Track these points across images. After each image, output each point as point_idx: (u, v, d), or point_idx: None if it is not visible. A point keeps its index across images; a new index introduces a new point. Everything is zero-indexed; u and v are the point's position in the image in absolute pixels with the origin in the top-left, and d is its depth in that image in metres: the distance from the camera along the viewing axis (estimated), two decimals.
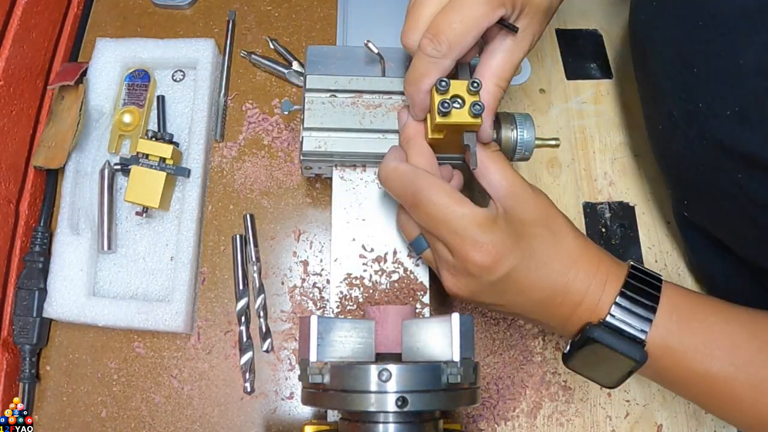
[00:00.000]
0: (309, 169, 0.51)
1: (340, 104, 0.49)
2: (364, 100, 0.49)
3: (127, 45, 0.62)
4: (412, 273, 0.48)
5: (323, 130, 0.48)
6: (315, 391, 0.38)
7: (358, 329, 0.41)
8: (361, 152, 0.48)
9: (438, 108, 0.41)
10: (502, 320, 0.55)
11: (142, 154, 0.56)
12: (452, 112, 0.41)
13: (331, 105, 0.49)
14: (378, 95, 0.49)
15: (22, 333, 0.53)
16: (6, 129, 0.55)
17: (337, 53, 0.52)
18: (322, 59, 0.51)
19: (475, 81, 0.41)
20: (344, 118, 0.48)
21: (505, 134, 0.48)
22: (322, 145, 0.48)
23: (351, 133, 0.48)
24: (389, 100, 0.49)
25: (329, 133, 0.48)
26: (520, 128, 0.48)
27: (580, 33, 0.69)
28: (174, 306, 0.54)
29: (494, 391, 0.53)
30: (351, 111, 0.49)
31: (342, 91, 0.49)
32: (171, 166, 0.56)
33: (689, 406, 0.55)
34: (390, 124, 0.48)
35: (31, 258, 0.55)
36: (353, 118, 0.48)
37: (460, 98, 0.42)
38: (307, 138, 0.48)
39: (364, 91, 0.49)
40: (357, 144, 0.48)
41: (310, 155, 0.48)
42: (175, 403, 0.53)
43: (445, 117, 0.41)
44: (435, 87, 0.41)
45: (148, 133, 0.57)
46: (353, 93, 0.49)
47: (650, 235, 0.60)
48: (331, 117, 0.48)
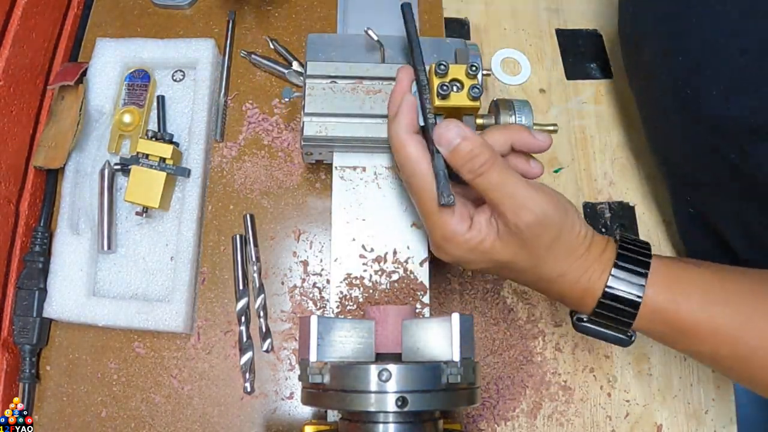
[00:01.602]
0: (309, 155, 0.52)
1: (341, 90, 0.49)
2: (364, 86, 0.50)
3: (127, 45, 0.62)
4: (412, 273, 0.48)
5: (324, 115, 0.49)
6: (315, 391, 0.38)
7: (358, 329, 0.41)
8: (361, 137, 0.49)
9: (437, 91, 0.42)
10: (501, 320, 0.55)
11: (142, 154, 0.56)
12: (451, 96, 0.42)
13: (332, 91, 0.49)
14: (378, 81, 0.50)
15: (22, 333, 0.53)
16: (6, 129, 0.55)
17: (337, 41, 0.52)
18: (322, 47, 0.52)
19: (473, 64, 0.42)
20: (344, 103, 0.49)
21: (503, 120, 0.48)
22: (323, 130, 0.48)
23: (351, 119, 0.49)
24: (389, 86, 0.49)
25: (330, 119, 0.48)
26: (518, 114, 0.48)
27: (580, 33, 0.69)
28: (174, 306, 0.53)
29: (494, 391, 0.53)
30: (351, 97, 0.49)
31: (342, 77, 0.50)
32: (171, 166, 0.56)
33: (689, 406, 0.55)
34: None
35: (31, 258, 0.55)
36: (353, 104, 0.49)
37: (458, 82, 0.43)
38: (308, 123, 0.48)
39: (364, 77, 0.50)
40: (357, 129, 0.48)
41: (310, 140, 0.49)
42: (175, 403, 0.53)
43: (445, 100, 0.42)
44: (434, 70, 0.42)
45: (148, 133, 0.57)
46: (353, 79, 0.50)
47: (650, 235, 0.60)
48: (331, 102, 0.49)
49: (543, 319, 0.56)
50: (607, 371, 0.55)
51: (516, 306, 0.56)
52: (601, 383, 0.55)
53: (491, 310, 0.56)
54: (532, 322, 0.56)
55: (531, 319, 0.56)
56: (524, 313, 0.56)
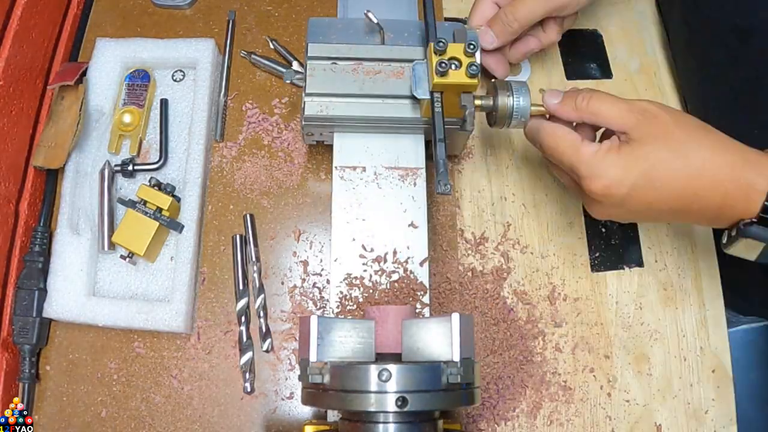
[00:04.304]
0: (310, 135, 0.53)
1: (341, 71, 0.50)
2: (364, 67, 0.50)
3: (127, 45, 0.62)
4: (412, 273, 0.48)
5: (324, 95, 0.49)
6: (315, 391, 0.38)
7: (358, 329, 0.41)
8: (361, 116, 0.49)
9: (435, 68, 0.43)
10: (501, 320, 0.55)
11: (141, 200, 0.55)
12: (449, 73, 0.44)
13: (332, 71, 0.50)
14: (378, 62, 0.50)
15: (22, 333, 0.53)
16: (6, 129, 0.55)
17: (338, 24, 0.53)
18: (322, 30, 0.52)
19: (471, 43, 0.43)
20: (345, 84, 0.50)
21: (501, 101, 0.49)
22: (324, 110, 0.49)
23: (351, 98, 0.49)
24: (388, 67, 0.50)
25: (330, 99, 0.49)
26: (516, 95, 0.49)
27: (580, 33, 0.69)
28: (174, 306, 0.53)
29: (494, 391, 0.53)
30: (351, 77, 0.50)
31: (343, 58, 0.50)
32: (166, 217, 0.55)
33: (689, 406, 0.55)
34: (389, 90, 0.50)
35: (30, 258, 0.55)
36: (354, 84, 0.50)
37: (457, 60, 0.44)
38: (309, 103, 0.49)
39: (364, 58, 0.50)
40: (357, 108, 0.49)
41: (311, 119, 0.49)
42: (175, 403, 0.53)
43: (443, 77, 0.43)
44: (433, 48, 0.44)
45: (151, 181, 0.56)
46: (354, 60, 0.50)
47: (650, 235, 0.60)
48: (332, 83, 0.50)
49: (543, 319, 0.56)
50: (607, 371, 0.55)
51: (516, 306, 0.56)
52: (601, 383, 0.55)
53: (491, 310, 0.56)
54: (532, 322, 0.56)
55: (531, 319, 0.56)
56: (524, 313, 0.56)
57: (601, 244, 0.59)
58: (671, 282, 0.59)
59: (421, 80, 0.47)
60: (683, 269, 0.59)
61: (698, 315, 0.58)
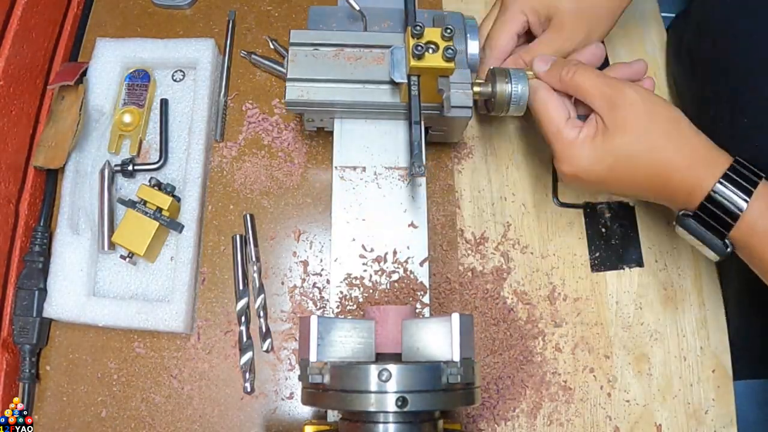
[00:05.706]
0: (311, 122, 0.54)
1: (323, 56, 0.50)
2: (345, 53, 0.51)
3: (127, 45, 0.62)
4: (412, 273, 0.48)
5: (306, 80, 0.50)
6: (315, 391, 0.38)
7: (358, 329, 0.41)
8: (342, 101, 0.50)
9: (412, 51, 0.43)
10: (501, 320, 0.55)
11: (141, 199, 0.55)
12: (426, 56, 0.44)
13: (314, 57, 0.50)
14: (359, 48, 0.51)
15: (22, 333, 0.53)
16: (6, 129, 0.55)
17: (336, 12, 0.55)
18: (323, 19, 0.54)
19: (448, 27, 0.44)
20: (326, 69, 0.50)
21: (500, 88, 0.49)
22: (305, 95, 0.49)
23: (332, 84, 0.50)
24: (370, 53, 0.51)
25: (312, 84, 0.50)
26: (514, 82, 0.49)
27: None
28: (174, 306, 0.53)
29: (494, 391, 0.53)
30: (333, 63, 0.50)
31: (324, 44, 0.51)
32: (166, 218, 0.55)
33: (689, 406, 0.55)
34: (370, 75, 0.50)
35: (31, 258, 0.55)
36: (335, 69, 0.50)
37: (434, 44, 0.44)
38: (290, 88, 0.49)
39: (345, 44, 0.51)
40: (338, 93, 0.50)
41: (293, 104, 0.50)
42: (175, 403, 0.53)
43: (420, 60, 0.44)
44: (410, 32, 0.44)
45: (151, 181, 0.57)
46: (335, 47, 0.51)
47: (650, 235, 0.60)
48: (314, 68, 0.50)
49: (543, 319, 0.56)
50: (607, 371, 0.55)
51: (516, 306, 0.56)
52: (601, 383, 0.55)
53: (491, 310, 0.56)
54: (532, 322, 0.56)
55: (531, 319, 0.56)
56: (524, 313, 0.56)
57: (601, 244, 0.59)
58: (671, 282, 0.59)
59: (399, 64, 0.48)
60: (683, 269, 0.59)
61: (698, 315, 0.58)
